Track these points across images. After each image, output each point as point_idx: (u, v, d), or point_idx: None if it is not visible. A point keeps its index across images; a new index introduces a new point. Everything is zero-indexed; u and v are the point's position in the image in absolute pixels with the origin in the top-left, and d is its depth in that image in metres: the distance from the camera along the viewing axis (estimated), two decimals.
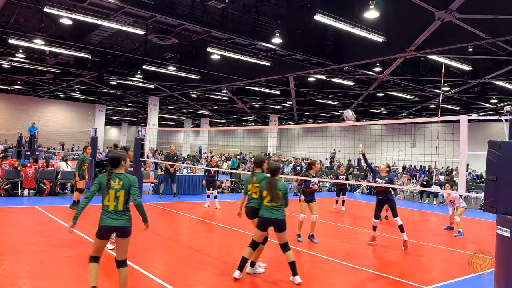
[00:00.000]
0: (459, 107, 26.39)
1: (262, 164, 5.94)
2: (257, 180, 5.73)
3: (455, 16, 10.41)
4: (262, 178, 5.70)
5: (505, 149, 4.13)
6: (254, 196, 5.72)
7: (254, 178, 5.75)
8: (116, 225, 4.33)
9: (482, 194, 18.49)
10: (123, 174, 4.47)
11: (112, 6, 11.08)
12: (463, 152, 4.98)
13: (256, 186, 5.60)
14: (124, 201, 4.39)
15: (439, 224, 11.49)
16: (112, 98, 32.28)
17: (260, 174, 5.86)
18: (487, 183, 4.29)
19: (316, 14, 11.16)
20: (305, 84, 23.07)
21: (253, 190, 5.73)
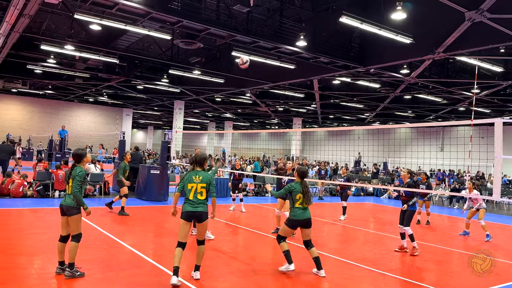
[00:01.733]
0: (489, 110, 25.58)
1: (204, 162, 5.60)
2: (203, 179, 5.36)
3: (486, 16, 10.13)
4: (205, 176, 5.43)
5: None
6: (199, 197, 5.32)
7: (199, 177, 5.33)
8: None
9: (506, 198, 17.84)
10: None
11: (140, 12, 11.30)
12: (498, 157, 4.80)
13: (202, 186, 5.28)
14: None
15: (470, 230, 11.13)
16: (139, 102, 32.92)
17: (201, 173, 5.45)
18: None
19: (342, 16, 11.06)
20: (329, 86, 22.89)
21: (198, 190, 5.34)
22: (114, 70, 20.86)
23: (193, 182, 5.25)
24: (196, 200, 5.22)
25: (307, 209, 6.03)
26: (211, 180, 5.38)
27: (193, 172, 5.36)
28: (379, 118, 33.85)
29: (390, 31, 11.96)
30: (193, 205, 5.20)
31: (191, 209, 5.18)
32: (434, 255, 8.17)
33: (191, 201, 5.22)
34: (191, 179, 5.28)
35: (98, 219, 9.37)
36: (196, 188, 5.23)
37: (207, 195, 5.31)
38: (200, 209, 5.20)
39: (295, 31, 13.73)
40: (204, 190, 5.26)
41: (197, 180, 5.25)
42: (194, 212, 5.18)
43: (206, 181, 5.28)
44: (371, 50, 14.76)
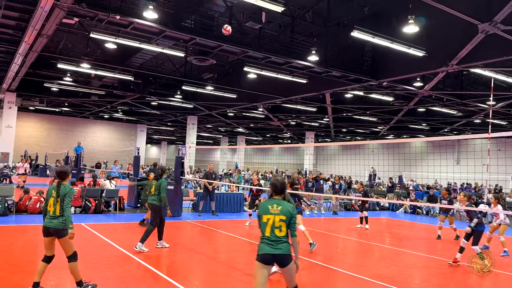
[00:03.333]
0: (506, 122, 25.17)
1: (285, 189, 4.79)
2: (282, 210, 4.35)
3: (499, 28, 10.06)
4: None
5: None
6: (277, 233, 4.31)
7: (277, 208, 4.30)
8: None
9: None
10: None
11: (154, 30, 11.53)
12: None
13: (281, 219, 4.26)
14: None
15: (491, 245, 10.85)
16: (153, 118, 33.32)
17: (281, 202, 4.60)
18: None
19: (354, 30, 11.10)
20: (342, 100, 22.85)
21: None
22: (129, 87, 21.21)
23: (269, 213, 4.12)
24: (275, 238, 4.05)
25: None
26: (294, 213, 4.17)
27: (270, 200, 4.24)
28: (393, 131, 33.56)
29: (402, 44, 11.94)
30: (271, 245, 4.04)
31: (270, 250, 4.02)
32: (454, 271, 7.97)
33: (268, 239, 4.07)
34: (267, 209, 4.15)
35: (113, 235, 9.42)
36: (273, 221, 4.09)
37: (287, 231, 4.11)
38: (281, 251, 4.01)
39: (306, 46, 13.82)
40: (283, 224, 4.07)
41: (275, 211, 4.11)
42: (275, 255, 4.02)
43: (286, 213, 4.10)
44: (384, 64, 14.74)
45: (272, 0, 9.86)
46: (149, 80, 21.22)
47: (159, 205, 8.12)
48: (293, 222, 4.11)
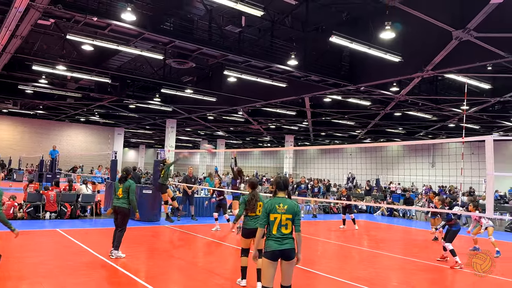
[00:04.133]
0: (479, 126, 25.93)
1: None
2: (289, 208, 4.57)
3: (473, 35, 10.37)
4: None
5: None
6: (283, 230, 4.53)
7: (284, 207, 4.57)
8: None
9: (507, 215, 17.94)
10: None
11: (132, 32, 11.38)
12: (490, 174, 4.86)
13: (288, 218, 4.50)
14: None
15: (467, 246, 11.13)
16: (130, 121, 32.85)
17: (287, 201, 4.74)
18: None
19: (332, 35, 11.24)
20: (321, 104, 23.07)
21: None
22: (106, 89, 20.85)
23: (277, 212, 4.39)
24: (281, 235, 4.36)
25: (257, 218, 5.96)
26: (298, 210, 4.47)
27: (276, 199, 4.49)
28: (371, 135, 34.10)
29: (379, 50, 12.16)
30: (278, 241, 4.35)
31: (278, 247, 4.33)
32: (433, 273, 8.14)
33: (275, 236, 4.36)
34: (274, 208, 4.40)
35: (89, 241, 9.22)
36: (280, 219, 4.37)
37: (292, 228, 4.42)
38: (288, 246, 4.34)
39: (286, 50, 13.91)
40: (289, 222, 4.39)
41: (282, 210, 4.39)
42: (282, 251, 4.33)
43: (292, 211, 4.41)
44: (361, 69, 14.96)
45: (252, 5, 9.89)
46: (127, 82, 20.93)
47: (128, 208, 7.77)
48: (298, 218, 4.43)
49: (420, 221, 17.93)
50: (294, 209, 4.42)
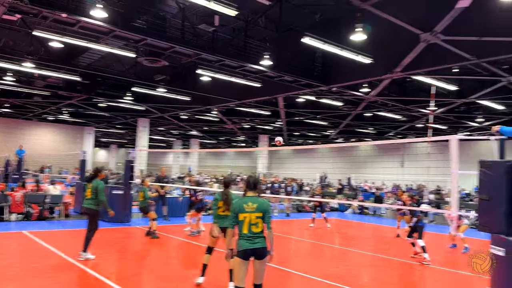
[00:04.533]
0: (446, 126, 26.80)
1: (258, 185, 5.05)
2: (258, 207, 4.55)
3: (440, 38, 10.71)
4: None
5: (496, 168, 4.19)
6: (254, 229, 4.52)
7: (253, 205, 4.53)
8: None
9: (471, 212, 18.63)
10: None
11: (103, 29, 11.14)
12: (454, 172, 5.05)
13: (258, 216, 4.47)
14: None
15: (432, 243, 11.47)
16: (101, 120, 32.13)
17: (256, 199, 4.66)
18: (480, 203, 4.34)
19: (304, 36, 11.37)
20: (294, 104, 23.28)
21: None
22: (76, 88, 20.31)
23: (245, 211, 4.38)
24: (252, 234, 4.35)
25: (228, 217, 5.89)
26: (268, 209, 4.46)
27: (245, 198, 4.48)
28: (342, 135, 34.66)
29: (351, 51, 12.38)
30: (249, 240, 4.34)
31: (250, 246, 4.32)
32: (402, 269, 8.36)
33: (246, 235, 4.36)
34: (242, 208, 4.40)
35: (57, 242, 8.97)
36: (250, 219, 4.36)
37: (263, 226, 4.41)
38: (259, 245, 4.34)
39: (260, 50, 13.96)
40: (260, 220, 4.36)
41: (251, 209, 4.38)
42: (254, 249, 4.32)
43: (262, 209, 4.38)
44: (333, 70, 15.19)
45: (226, 4, 9.87)
46: (98, 80, 20.45)
47: (98, 210, 7.59)
48: (268, 216, 4.40)
49: (389, 219, 18.36)
50: (264, 207, 4.40)
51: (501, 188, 4.09)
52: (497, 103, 18.83)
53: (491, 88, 16.03)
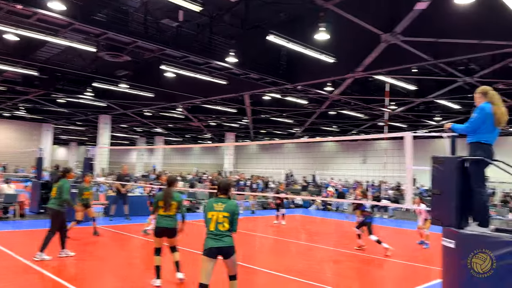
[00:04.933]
0: (406, 125, 27.74)
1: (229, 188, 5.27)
2: (226, 207, 4.88)
3: (399, 38, 11.04)
4: None
5: (447, 164, 4.38)
6: (220, 228, 4.82)
7: (221, 205, 4.87)
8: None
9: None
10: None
11: (61, 22, 10.73)
12: (409, 168, 5.25)
13: (225, 216, 4.76)
14: None
15: (391, 238, 11.86)
16: (60, 116, 30.98)
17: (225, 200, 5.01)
18: (433, 197, 4.52)
19: (269, 34, 11.42)
20: (260, 102, 23.36)
21: None
22: (33, 82, 19.46)
23: (214, 210, 4.63)
24: (218, 232, 4.55)
25: (171, 217, 6.05)
26: (235, 209, 4.68)
27: (217, 199, 4.73)
28: (308, 133, 35.17)
29: (315, 50, 12.56)
30: (215, 239, 4.55)
31: (215, 244, 4.52)
32: (360, 263, 8.58)
33: (213, 234, 4.56)
34: (211, 206, 4.66)
35: (11, 244, 8.58)
36: (217, 217, 4.58)
37: (230, 226, 4.61)
38: (224, 243, 4.53)
39: (225, 47, 13.89)
40: (226, 220, 4.57)
41: (219, 208, 4.62)
42: (220, 248, 4.53)
43: (230, 210, 4.62)
44: (298, 68, 15.35)
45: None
46: (57, 75, 19.70)
47: (60, 210, 7.44)
48: (235, 219, 4.65)
49: (352, 214, 18.81)
50: (232, 208, 4.63)
51: (452, 183, 4.28)
52: (453, 102, 19.69)
53: (448, 88, 16.72)
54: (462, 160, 4.38)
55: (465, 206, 4.40)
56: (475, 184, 4.37)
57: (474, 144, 4.46)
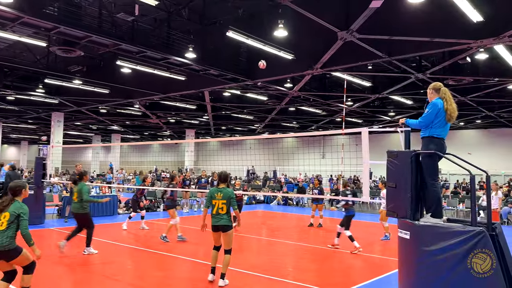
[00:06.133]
0: (362, 120, 28.58)
1: (227, 180, 6.58)
2: (223, 196, 6.25)
3: (355, 36, 11.32)
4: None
5: (401, 158, 4.54)
6: (220, 212, 6.23)
7: (220, 195, 6.24)
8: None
9: None
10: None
11: (8, 15, 10.14)
12: (365, 162, 5.41)
13: (223, 203, 6.18)
14: None
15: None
16: (9, 114, 29.32)
17: (223, 190, 6.35)
18: (388, 190, 4.67)
19: (229, 30, 11.36)
20: (220, 99, 23.24)
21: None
22: None
23: (216, 199, 6.16)
24: (218, 214, 6.11)
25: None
26: (231, 196, 6.19)
27: (216, 189, 6.28)
28: (268, 129, 35.44)
29: (274, 47, 12.63)
30: (215, 219, 6.13)
31: (215, 223, 6.15)
32: (319, 256, 8.76)
33: (214, 215, 6.15)
34: (214, 196, 6.20)
35: None
36: (218, 204, 6.12)
37: (228, 209, 6.14)
38: (222, 222, 6.10)
39: (184, 42, 13.67)
40: (224, 206, 6.12)
41: (219, 197, 6.15)
42: (217, 226, 6.12)
43: (226, 198, 6.14)
44: (258, 64, 15.38)
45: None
46: (5, 71, 18.63)
47: (84, 212, 8.15)
48: (233, 201, 6.19)
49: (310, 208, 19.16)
50: (228, 195, 6.18)
51: (406, 176, 4.44)
52: (406, 98, 20.49)
53: (401, 84, 17.36)
54: (416, 154, 4.55)
55: (419, 198, 4.58)
56: (428, 177, 4.56)
57: (427, 138, 4.64)
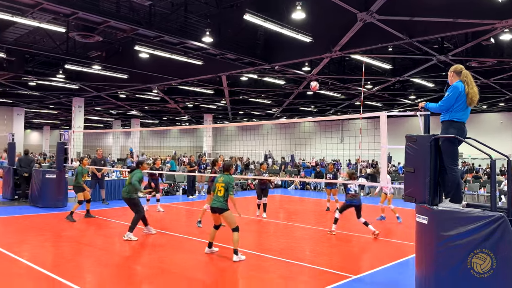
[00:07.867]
0: (381, 104, 28.11)
1: (230, 169, 7.18)
2: (223, 180, 6.87)
3: (375, 17, 11.04)
4: None
5: (420, 142, 4.45)
6: (218, 194, 6.81)
7: (221, 179, 6.87)
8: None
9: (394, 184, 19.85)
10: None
11: (28, 2, 10.26)
12: (383, 146, 5.33)
13: (222, 186, 6.77)
14: None
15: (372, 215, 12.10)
16: (31, 100, 30.00)
17: (225, 175, 6.96)
18: (406, 174, 4.60)
19: (246, 13, 11.22)
20: (238, 83, 23.18)
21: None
22: (1, 65, 18.68)
23: (218, 182, 6.77)
24: (216, 197, 6.67)
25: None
26: (230, 181, 6.72)
27: (220, 174, 6.94)
28: (286, 113, 35.25)
29: (292, 30, 12.43)
30: (213, 201, 6.71)
31: (211, 204, 6.76)
32: (336, 240, 8.76)
33: (214, 198, 6.71)
34: (218, 180, 6.83)
35: None
36: (218, 187, 6.69)
37: (225, 193, 6.63)
38: (216, 205, 6.63)
39: (201, 26, 13.60)
40: (222, 189, 6.64)
41: (220, 181, 6.74)
42: (213, 208, 6.68)
43: (225, 182, 6.70)
44: (275, 48, 15.21)
45: None
46: (26, 57, 18.97)
47: (131, 197, 8.26)
48: (230, 187, 6.71)
49: None
50: (227, 180, 6.75)
51: (425, 160, 4.36)
52: (427, 81, 20.01)
53: (422, 66, 16.95)
54: (435, 138, 4.46)
55: (438, 183, 4.51)
56: (447, 162, 4.47)
57: (447, 122, 4.53)
